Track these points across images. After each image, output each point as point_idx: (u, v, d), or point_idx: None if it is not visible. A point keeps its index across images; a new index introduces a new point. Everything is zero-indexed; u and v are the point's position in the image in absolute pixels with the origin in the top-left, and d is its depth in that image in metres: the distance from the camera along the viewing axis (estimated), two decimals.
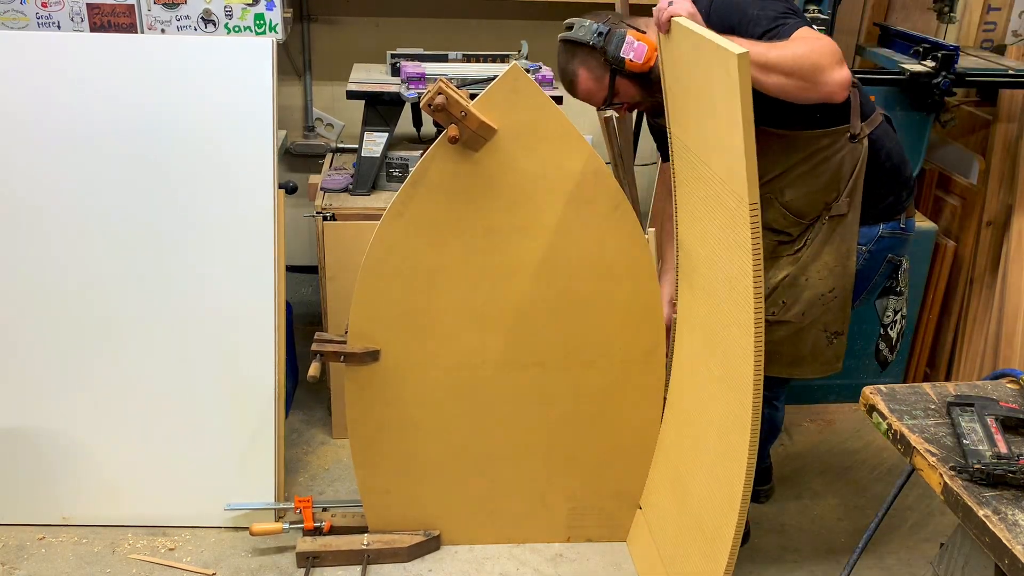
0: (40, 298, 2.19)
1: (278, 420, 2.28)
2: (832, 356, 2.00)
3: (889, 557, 2.31)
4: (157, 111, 2.15)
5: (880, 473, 2.64)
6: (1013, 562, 1.15)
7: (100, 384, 2.23)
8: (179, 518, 2.30)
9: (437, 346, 2.06)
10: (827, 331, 1.96)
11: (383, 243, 1.97)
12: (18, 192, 2.15)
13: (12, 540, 2.24)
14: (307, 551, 2.17)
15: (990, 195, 2.77)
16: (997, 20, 3.01)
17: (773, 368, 1.94)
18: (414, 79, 2.45)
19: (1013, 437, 1.39)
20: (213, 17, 2.67)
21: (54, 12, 2.63)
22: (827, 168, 1.88)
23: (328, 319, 2.57)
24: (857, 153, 1.87)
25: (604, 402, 2.14)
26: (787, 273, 1.94)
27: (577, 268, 2.01)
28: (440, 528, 2.27)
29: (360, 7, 3.18)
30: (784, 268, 1.95)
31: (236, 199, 2.19)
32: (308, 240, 3.39)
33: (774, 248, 1.97)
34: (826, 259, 1.92)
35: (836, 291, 1.93)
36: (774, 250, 1.97)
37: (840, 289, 1.93)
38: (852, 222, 1.91)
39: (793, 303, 1.93)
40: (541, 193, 1.94)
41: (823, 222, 1.91)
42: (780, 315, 1.94)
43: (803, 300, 1.93)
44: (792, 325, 1.94)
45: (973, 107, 2.95)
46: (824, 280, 1.92)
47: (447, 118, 1.82)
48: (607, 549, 2.29)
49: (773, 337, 1.92)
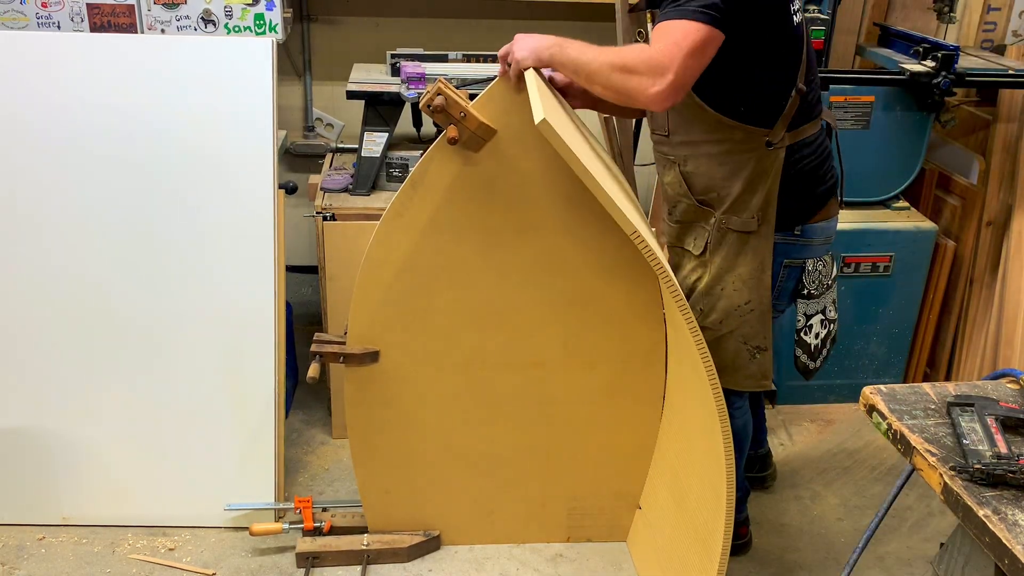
0: (40, 299, 2.19)
1: (278, 420, 2.28)
2: (757, 371, 1.96)
3: (889, 557, 2.31)
4: (157, 111, 2.16)
5: (880, 473, 2.64)
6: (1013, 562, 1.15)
7: (100, 384, 2.23)
8: (179, 518, 2.30)
9: (437, 346, 2.06)
10: (747, 344, 1.93)
11: (382, 244, 1.96)
12: (18, 192, 2.15)
13: (12, 540, 2.24)
14: (307, 551, 2.17)
15: (990, 195, 2.77)
16: (997, 20, 3.01)
17: None
18: (414, 79, 2.45)
19: (1013, 437, 1.39)
20: (213, 17, 2.67)
21: (54, 12, 2.63)
22: (732, 161, 1.83)
23: (328, 319, 2.57)
24: (769, 161, 1.82)
25: (604, 402, 2.14)
26: (698, 276, 1.93)
27: (577, 268, 2.01)
28: (440, 528, 2.27)
29: (360, 7, 3.17)
30: (694, 271, 1.94)
31: (236, 199, 2.19)
32: (308, 240, 3.38)
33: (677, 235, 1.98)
34: (740, 271, 1.89)
35: (752, 303, 1.90)
36: (678, 237, 1.98)
37: (756, 302, 1.90)
38: (766, 235, 1.87)
39: (710, 310, 1.92)
40: (540, 194, 1.94)
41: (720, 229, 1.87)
42: (700, 321, 1.87)
43: (719, 309, 1.91)
44: (711, 332, 1.91)
45: (973, 107, 2.95)
46: (739, 292, 1.89)
47: (446, 119, 1.81)
48: (607, 549, 2.29)
49: None
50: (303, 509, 2.21)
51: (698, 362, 1.71)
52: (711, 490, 1.82)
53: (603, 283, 2.03)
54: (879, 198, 2.83)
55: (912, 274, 2.80)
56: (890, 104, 2.69)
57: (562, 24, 3.19)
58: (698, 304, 1.93)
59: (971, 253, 2.83)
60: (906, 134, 2.75)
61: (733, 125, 1.80)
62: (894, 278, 2.78)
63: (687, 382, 1.95)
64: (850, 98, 2.65)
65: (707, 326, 1.92)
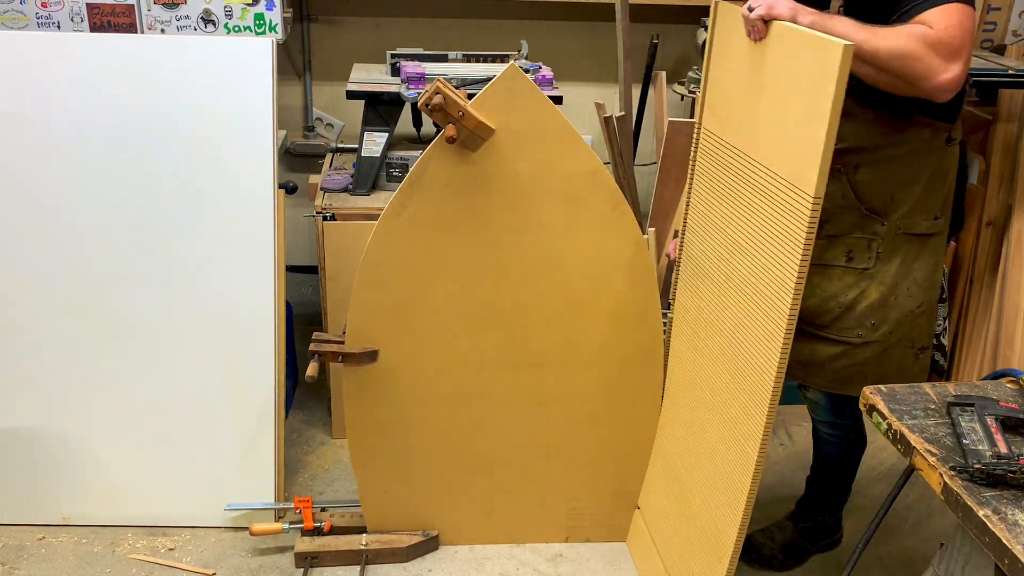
0: (40, 298, 2.19)
1: (278, 420, 2.28)
2: (919, 371, 1.87)
3: (889, 557, 2.31)
4: (157, 111, 2.16)
5: (880, 473, 2.64)
6: (1013, 562, 1.15)
7: (100, 384, 2.23)
8: (179, 518, 2.30)
9: (435, 346, 2.06)
10: (914, 346, 1.85)
11: (380, 243, 1.96)
12: (17, 192, 2.15)
13: (12, 540, 2.24)
14: (305, 551, 2.17)
15: (990, 195, 2.77)
16: (997, 20, 3.01)
17: (857, 388, 1.79)
18: (414, 79, 2.45)
19: (1013, 437, 1.38)
20: (213, 17, 2.67)
21: (54, 12, 2.63)
22: (916, 163, 1.72)
23: (328, 319, 2.57)
24: (948, 158, 1.74)
25: (602, 402, 2.14)
26: (860, 291, 1.80)
27: (575, 268, 2.01)
28: (439, 528, 2.27)
29: (360, 7, 3.18)
30: (852, 288, 1.80)
31: (236, 199, 2.19)
32: (308, 240, 3.39)
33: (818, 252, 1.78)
34: (916, 275, 1.79)
35: (924, 305, 1.82)
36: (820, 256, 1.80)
37: (927, 303, 1.82)
38: (944, 233, 1.80)
39: (881, 323, 1.81)
40: (539, 193, 1.94)
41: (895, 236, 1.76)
42: (867, 336, 1.81)
43: (891, 320, 1.80)
44: (878, 344, 1.81)
45: (973, 107, 2.95)
46: (913, 296, 1.80)
47: (444, 118, 1.81)
48: (607, 549, 2.29)
49: (858, 359, 1.83)
50: (303, 509, 2.21)
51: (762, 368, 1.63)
52: (725, 493, 1.80)
53: (601, 282, 2.03)
54: None
55: None
56: None
57: (562, 24, 3.19)
58: (867, 320, 1.80)
59: (971, 253, 2.82)
60: None
61: (924, 123, 1.68)
62: None
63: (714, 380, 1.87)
64: None
65: (875, 340, 1.81)
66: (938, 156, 1.73)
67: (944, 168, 1.75)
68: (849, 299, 1.81)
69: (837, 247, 1.81)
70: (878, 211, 1.76)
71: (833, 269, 1.82)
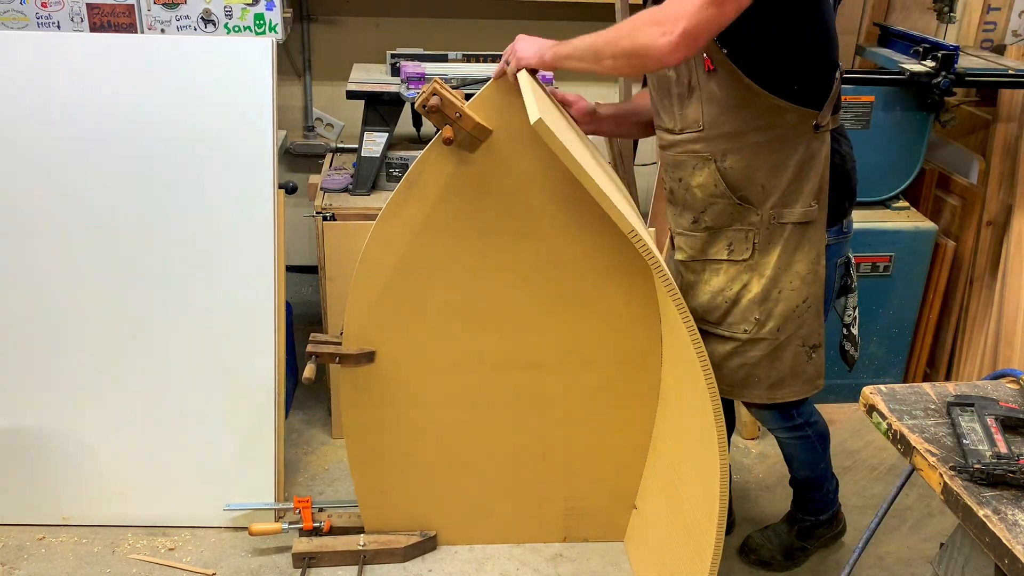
0: (39, 298, 2.19)
1: (278, 420, 2.28)
2: (813, 372, 1.87)
3: (889, 557, 2.31)
4: (157, 111, 2.16)
5: (880, 473, 2.64)
6: (1013, 562, 1.15)
7: (100, 384, 2.23)
8: (179, 518, 2.30)
9: (433, 347, 2.06)
10: (805, 345, 1.84)
11: (378, 244, 1.96)
12: (17, 192, 2.15)
13: (12, 540, 2.24)
14: (303, 551, 2.17)
15: (990, 195, 2.77)
16: (997, 20, 3.01)
17: (753, 394, 1.87)
18: (414, 79, 2.45)
19: (1013, 437, 1.38)
20: (213, 17, 2.67)
21: (54, 12, 2.63)
22: (782, 149, 1.73)
23: (328, 319, 2.57)
24: (817, 145, 1.75)
25: (600, 402, 2.14)
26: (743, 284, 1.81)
27: (573, 269, 2.01)
28: (437, 528, 2.27)
29: (360, 7, 3.18)
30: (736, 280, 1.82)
31: (236, 199, 2.19)
32: (308, 240, 3.39)
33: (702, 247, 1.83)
34: (798, 267, 1.79)
35: (809, 300, 1.81)
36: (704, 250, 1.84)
37: (813, 298, 1.82)
38: (822, 222, 1.80)
39: (767, 318, 1.81)
40: (537, 194, 1.94)
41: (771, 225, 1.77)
42: (754, 332, 1.81)
43: (777, 315, 1.80)
44: (767, 342, 1.82)
45: (973, 107, 2.95)
46: (797, 291, 1.80)
47: (442, 119, 1.81)
48: (606, 549, 2.29)
49: (748, 359, 1.83)
50: (302, 509, 2.21)
51: (694, 362, 1.70)
52: (704, 490, 1.82)
53: (599, 283, 2.03)
54: (879, 198, 2.83)
55: (912, 274, 2.80)
56: (890, 104, 2.69)
57: (562, 24, 3.19)
58: (751, 314, 1.81)
59: (971, 253, 2.82)
60: (906, 134, 2.75)
61: (786, 107, 1.70)
62: (894, 278, 2.78)
63: (681, 381, 1.94)
64: (850, 98, 2.65)
65: (763, 337, 1.81)
66: (807, 143, 1.74)
67: (813, 154, 1.76)
68: (734, 292, 1.82)
69: (719, 241, 1.82)
70: (751, 200, 1.77)
71: (719, 264, 1.84)
